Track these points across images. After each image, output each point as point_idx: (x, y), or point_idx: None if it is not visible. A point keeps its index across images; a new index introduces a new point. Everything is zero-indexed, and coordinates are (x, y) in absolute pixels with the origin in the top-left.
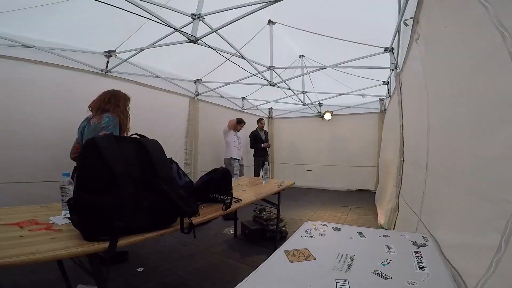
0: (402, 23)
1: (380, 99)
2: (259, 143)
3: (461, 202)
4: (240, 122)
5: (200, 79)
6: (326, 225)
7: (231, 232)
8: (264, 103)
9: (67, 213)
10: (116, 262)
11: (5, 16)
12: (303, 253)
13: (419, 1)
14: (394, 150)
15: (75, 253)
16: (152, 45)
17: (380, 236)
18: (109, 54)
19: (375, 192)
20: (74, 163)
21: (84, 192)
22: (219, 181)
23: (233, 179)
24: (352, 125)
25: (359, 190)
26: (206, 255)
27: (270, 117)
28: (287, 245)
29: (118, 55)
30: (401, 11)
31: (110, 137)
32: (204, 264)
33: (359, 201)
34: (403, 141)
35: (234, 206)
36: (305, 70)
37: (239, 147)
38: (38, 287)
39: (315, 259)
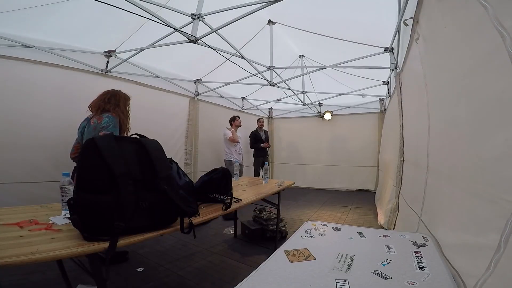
0: (402, 23)
1: (380, 99)
2: (259, 143)
3: (462, 202)
4: (234, 119)
5: (200, 79)
6: (326, 225)
7: (231, 232)
8: (264, 103)
9: (67, 213)
10: (116, 262)
11: (5, 16)
12: (303, 253)
13: (419, 1)
14: (394, 150)
15: (75, 253)
16: (152, 45)
17: (380, 236)
18: (109, 54)
19: (375, 192)
20: (74, 163)
21: (84, 192)
22: (219, 181)
23: (233, 179)
24: (352, 125)
25: (359, 190)
26: (206, 255)
27: (270, 117)
28: (287, 245)
29: (118, 55)
30: (401, 11)
31: (110, 137)
32: (204, 264)
33: (359, 201)
34: (403, 141)
35: (234, 206)
36: (305, 70)
37: (239, 151)
38: (38, 287)
39: (315, 259)
